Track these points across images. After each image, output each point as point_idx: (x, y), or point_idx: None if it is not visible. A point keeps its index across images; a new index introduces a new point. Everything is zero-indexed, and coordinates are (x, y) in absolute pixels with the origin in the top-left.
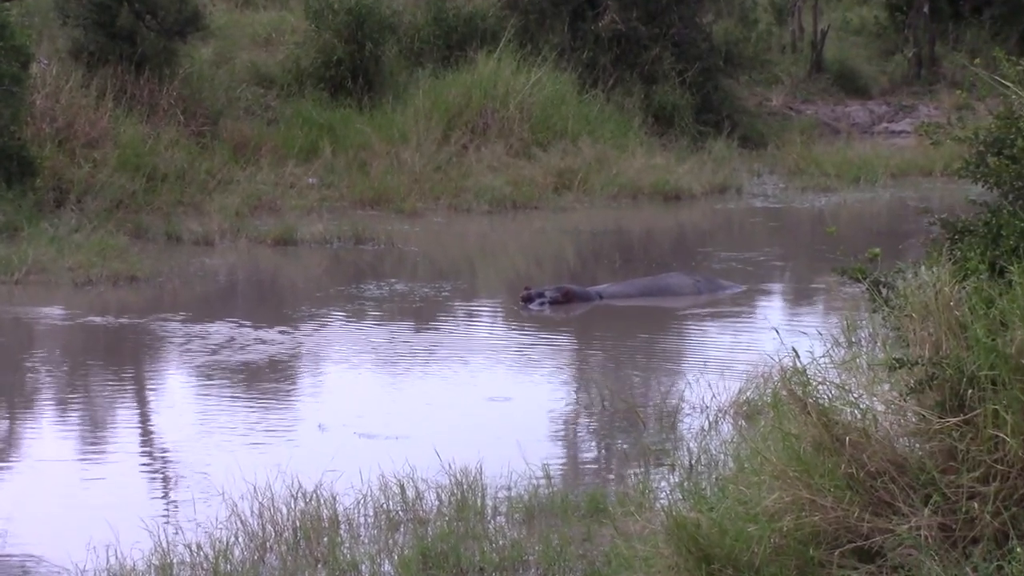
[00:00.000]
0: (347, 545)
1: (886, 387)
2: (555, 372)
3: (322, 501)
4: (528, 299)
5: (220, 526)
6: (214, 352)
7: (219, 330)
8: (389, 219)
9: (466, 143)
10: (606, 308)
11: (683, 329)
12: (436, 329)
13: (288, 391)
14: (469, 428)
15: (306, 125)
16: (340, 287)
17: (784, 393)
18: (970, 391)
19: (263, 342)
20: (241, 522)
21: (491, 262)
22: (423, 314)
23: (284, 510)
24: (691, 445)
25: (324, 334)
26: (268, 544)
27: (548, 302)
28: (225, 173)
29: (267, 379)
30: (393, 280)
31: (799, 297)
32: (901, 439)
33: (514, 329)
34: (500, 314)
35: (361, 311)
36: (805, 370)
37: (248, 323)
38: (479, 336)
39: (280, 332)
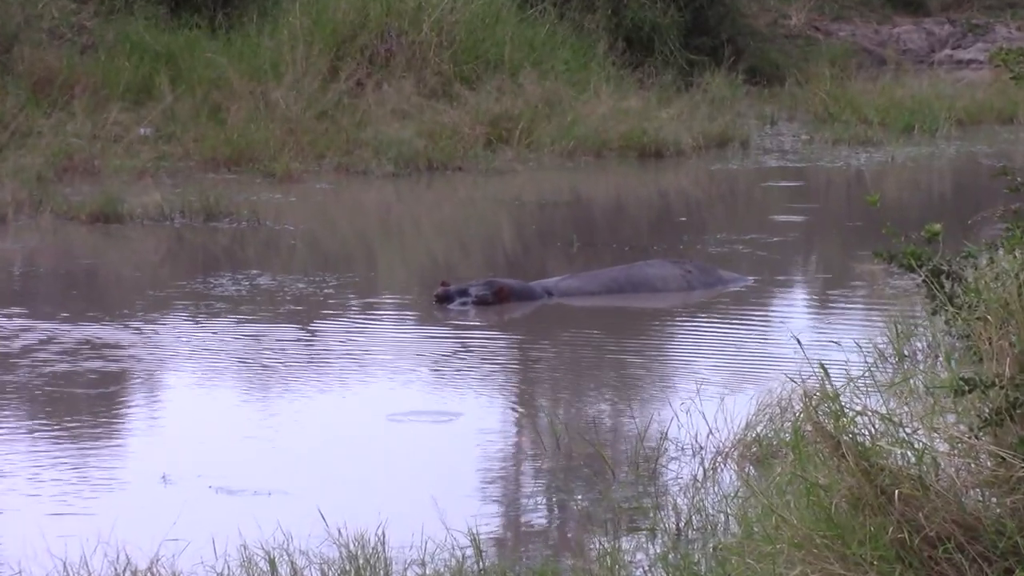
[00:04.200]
0: None
1: (951, 419)
2: (487, 399)
3: None
4: (446, 298)
5: None
6: (5, 372)
7: (13, 341)
8: (253, 185)
9: (362, 79)
10: (559, 310)
11: (667, 339)
12: (319, 340)
13: (114, 427)
14: (367, 479)
15: (136, 54)
16: (183, 281)
17: (809, 428)
18: None
19: (77, 358)
20: None
21: (396, 246)
22: (300, 319)
23: None
24: (678, 501)
25: (163, 347)
26: None
27: (474, 302)
28: (21, 121)
29: (83, 410)
30: (257, 271)
31: (828, 293)
32: (971, 491)
33: (428, 340)
34: (408, 319)
35: (213, 314)
36: (838, 396)
37: (55, 331)
38: (378, 350)
39: (100, 344)
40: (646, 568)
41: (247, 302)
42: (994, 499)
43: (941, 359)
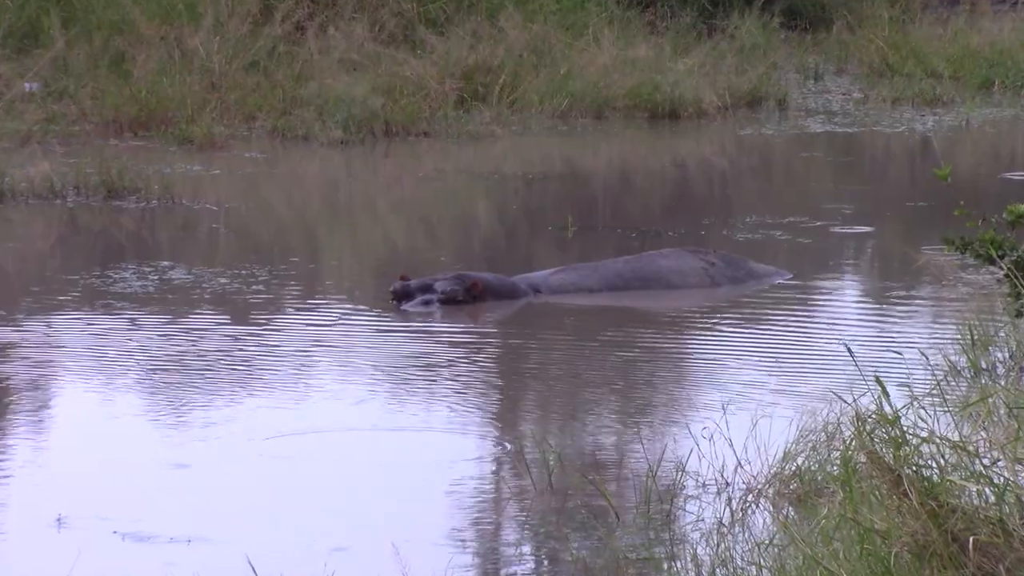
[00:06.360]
0: None
1: None
2: (459, 423)
3: None
4: (406, 294)
5: None
6: None
7: None
8: (166, 154)
9: (302, 21)
10: (548, 311)
11: (685, 347)
12: (247, 348)
13: None
14: (309, 520)
15: None
16: (77, 275)
17: (862, 459)
18: None
19: None
20: None
21: (345, 230)
22: (224, 322)
23: None
24: (699, 551)
25: (54, 357)
26: None
27: (440, 300)
28: None
29: None
30: (170, 263)
31: (887, 291)
32: None
33: (383, 347)
34: (359, 321)
35: (114, 316)
36: (898, 418)
37: None
38: (322, 360)
39: None
40: None
41: (157, 301)
42: None
43: None
